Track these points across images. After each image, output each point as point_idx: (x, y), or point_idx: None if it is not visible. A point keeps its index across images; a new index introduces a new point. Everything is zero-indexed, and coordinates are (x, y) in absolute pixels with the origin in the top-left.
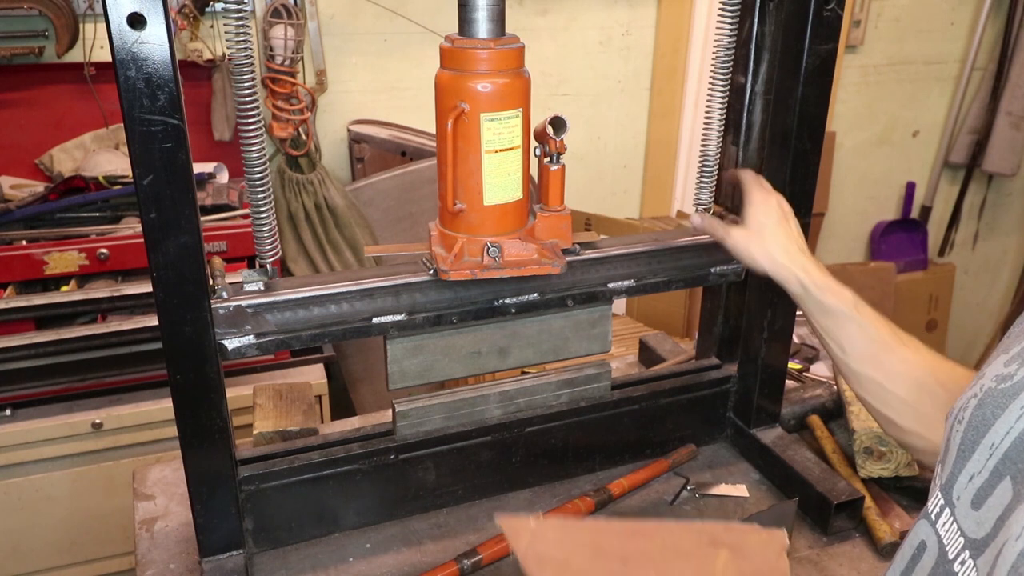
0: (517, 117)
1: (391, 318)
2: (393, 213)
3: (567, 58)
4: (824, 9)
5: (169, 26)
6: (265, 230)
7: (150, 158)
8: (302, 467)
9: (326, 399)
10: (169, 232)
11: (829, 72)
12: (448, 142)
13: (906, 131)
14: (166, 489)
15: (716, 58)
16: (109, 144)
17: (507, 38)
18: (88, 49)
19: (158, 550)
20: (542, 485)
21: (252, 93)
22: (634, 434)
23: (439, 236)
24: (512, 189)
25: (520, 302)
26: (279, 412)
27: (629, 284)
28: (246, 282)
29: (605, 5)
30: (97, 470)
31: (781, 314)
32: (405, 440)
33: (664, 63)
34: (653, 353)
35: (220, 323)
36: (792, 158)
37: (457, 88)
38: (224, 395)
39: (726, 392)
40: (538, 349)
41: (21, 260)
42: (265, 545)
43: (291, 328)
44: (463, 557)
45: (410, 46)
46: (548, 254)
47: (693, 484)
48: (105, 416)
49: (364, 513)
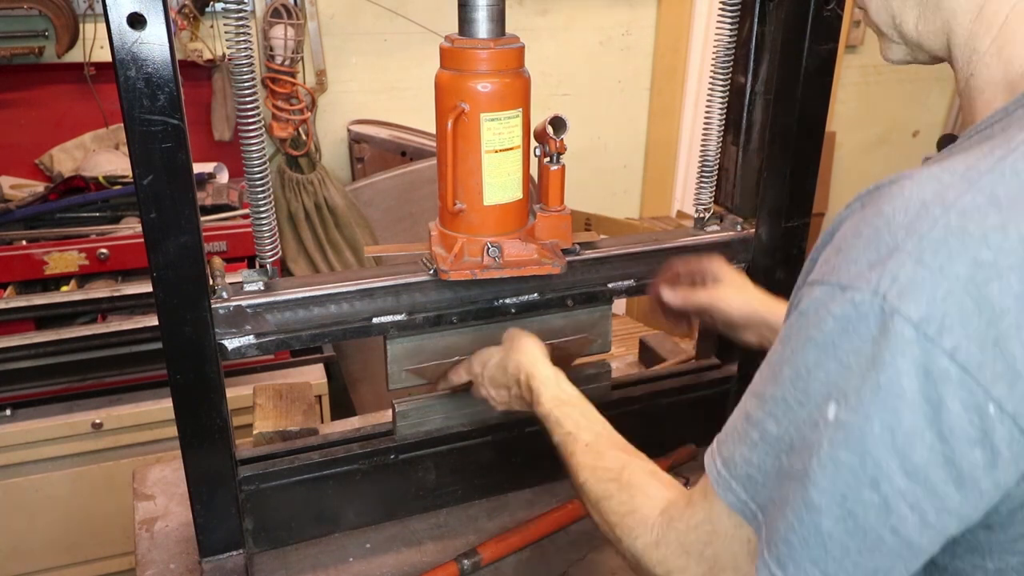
0: (517, 117)
1: (391, 318)
2: (393, 213)
3: (567, 58)
4: (824, 9)
5: (169, 26)
6: (265, 230)
7: (150, 158)
8: (302, 467)
9: (326, 399)
10: (169, 232)
11: (829, 72)
12: (448, 142)
13: (906, 131)
14: (166, 489)
15: (716, 58)
16: (109, 144)
17: (507, 38)
18: (88, 49)
19: (158, 550)
20: (542, 485)
21: (252, 93)
22: (634, 434)
23: (439, 236)
24: (512, 189)
25: (520, 302)
26: (279, 412)
27: (629, 284)
28: (246, 282)
29: (605, 5)
30: (97, 470)
31: None
32: (405, 440)
33: (664, 63)
34: (653, 353)
35: (220, 323)
36: (792, 158)
37: (457, 88)
38: (224, 395)
39: (726, 392)
40: None
41: (21, 260)
42: (265, 545)
43: (291, 328)
44: (463, 557)
45: (410, 46)
46: (548, 254)
47: (693, 484)
48: (105, 416)
49: (364, 513)
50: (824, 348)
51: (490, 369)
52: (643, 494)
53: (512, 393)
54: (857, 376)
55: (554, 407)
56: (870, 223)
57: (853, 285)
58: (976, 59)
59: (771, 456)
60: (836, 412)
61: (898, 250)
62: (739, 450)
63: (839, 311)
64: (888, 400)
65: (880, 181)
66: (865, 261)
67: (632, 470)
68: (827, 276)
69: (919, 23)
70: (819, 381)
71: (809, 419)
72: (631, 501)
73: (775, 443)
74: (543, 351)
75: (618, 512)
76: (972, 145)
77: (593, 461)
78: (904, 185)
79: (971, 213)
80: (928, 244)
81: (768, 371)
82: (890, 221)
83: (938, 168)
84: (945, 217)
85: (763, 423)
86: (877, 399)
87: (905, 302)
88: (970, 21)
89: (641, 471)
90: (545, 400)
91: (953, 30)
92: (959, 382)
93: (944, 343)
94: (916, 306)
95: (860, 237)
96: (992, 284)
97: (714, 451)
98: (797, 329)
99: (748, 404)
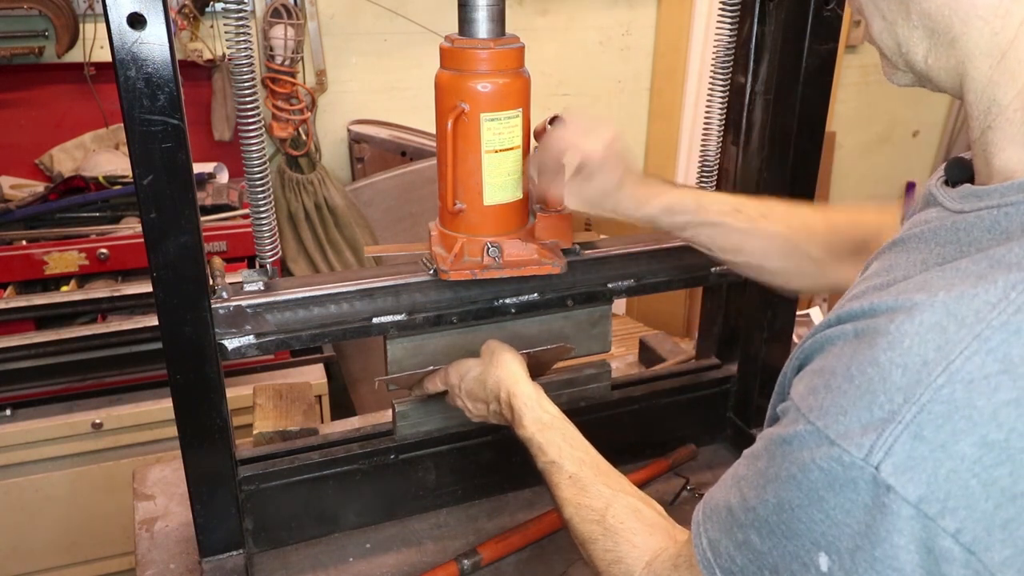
0: (517, 117)
1: (391, 318)
2: (393, 213)
3: (567, 58)
4: (824, 9)
5: (169, 26)
6: (265, 230)
7: (150, 158)
8: (302, 467)
9: (326, 399)
10: (169, 232)
11: (829, 72)
12: (448, 142)
13: (906, 131)
14: (166, 489)
15: (716, 58)
16: (109, 144)
17: (507, 38)
18: (88, 49)
19: (158, 550)
20: (542, 485)
21: (252, 93)
22: (634, 434)
23: (439, 236)
24: (512, 189)
25: (520, 302)
26: (279, 412)
27: (629, 284)
28: (246, 282)
29: (605, 5)
30: (97, 470)
31: (781, 314)
32: (405, 440)
33: (664, 63)
34: (653, 353)
35: (220, 323)
36: (792, 158)
37: (457, 88)
38: (224, 395)
39: (726, 392)
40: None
41: (21, 260)
42: (265, 545)
43: (291, 328)
44: (463, 557)
45: (410, 46)
46: (548, 254)
47: (693, 484)
48: (105, 416)
49: (364, 513)
50: (809, 496)
51: (468, 382)
52: (628, 543)
53: (491, 409)
54: (848, 539)
55: (536, 431)
56: (863, 370)
57: (841, 443)
58: (996, 111)
59: (754, 566)
60: (829, 566)
61: (894, 418)
62: (724, 541)
63: (825, 465)
64: (885, 572)
65: (877, 301)
66: (856, 419)
67: (615, 511)
68: (813, 413)
69: (929, 57)
70: (805, 525)
71: (796, 555)
72: (616, 549)
73: (758, 558)
74: (523, 366)
75: (604, 559)
76: (982, 240)
77: (577, 498)
78: (904, 330)
79: (980, 383)
80: (929, 418)
81: (755, 476)
82: (886, 378)
83: (944, 307)
84: (950, 387)
85: (747, 530)
86: (873, 569)
87: (902, 480)
88: (989, 67)
89: (624, 512)
90: (528, 423)
91: (969, 74)
92: (964, 563)
93: (947, 524)
94: (915, 486)
95: (851, 383)
96: (1002, 467)
97: (701, 523)
98: (782, 457)
99: (734, 494)
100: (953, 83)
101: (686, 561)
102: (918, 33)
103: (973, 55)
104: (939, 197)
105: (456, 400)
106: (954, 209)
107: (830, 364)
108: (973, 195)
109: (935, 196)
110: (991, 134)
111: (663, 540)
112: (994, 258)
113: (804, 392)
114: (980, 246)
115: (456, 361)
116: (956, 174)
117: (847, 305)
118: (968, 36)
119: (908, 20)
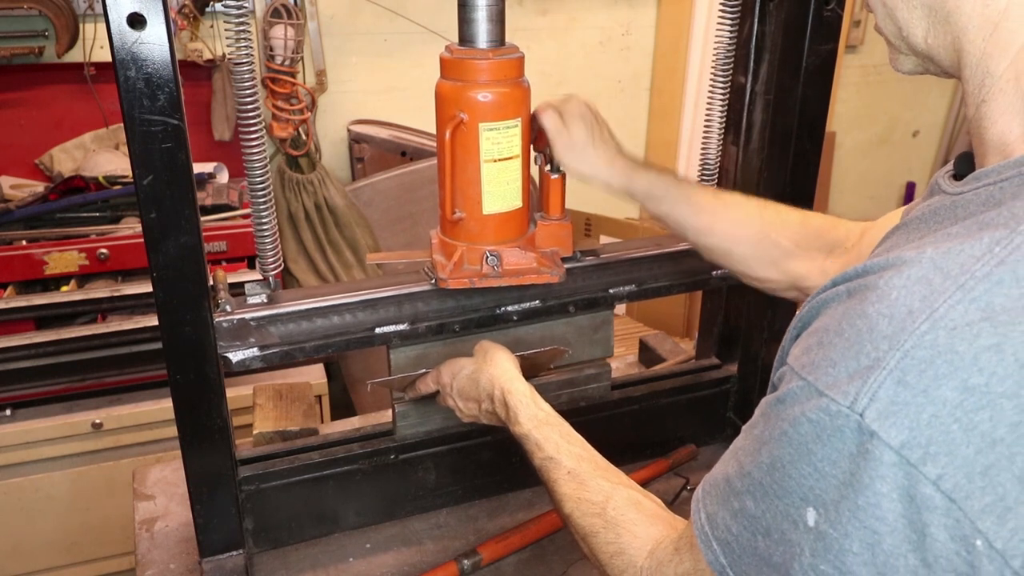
0: (516, 127)
1: (394, 328)
2: (393, 213)
3: (567, 58)
4: (824, 9)
5: (169, 26)
6: (267, 238)
7: (150, 158)
8: (302, 467)
9: (326, 399)
10: (169, 232)
11: (829, 72)
12: (447, 151)
13: (906, 131)
14: (166, 489)
15: (716, 58)
16: (109, 144)
17: (506, 48)
18: (88, 49)
19: (158, 550)
20: (542, 485)
21: (252, 93)
22: (634, 434)
23: (439, 244)
24: (511, 198)
25: (522, 309)
26: (279, 412)
27: (630, 289)
28: (249, 295)
29: (605, 5)
30: (97, 470)
31: (781, 314)
32: (405, 440)
33: (664, 63)
34: (653, 353)
35: (224, 336)
36: (792, 158)
37: (456, 98)
38: (224, 395)
39: (726, 392)
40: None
41: (21, 260)
42: (265, 545)
43: (295, 340)
44: (463, 557)
45: (410, 46)
46: (547, 263)
47: (693, 484)
48: (105, 416)
49: (364, 513)
50: (798, 449)
51: (460, 381)
52: (629, 533)
53: (483, 407)
54: (834, 489)
55: (532, 428)
56: (853, 323)
57: (829, 393)
58: (990, 83)
59: (748, 532)
60: (816, 520)
61: (879, 365)
62: (721, 512)
63: (814, 416)
64: (868, 521)
65: (869, 262)
66: (844, 368)
67: (616, 503)
68: (805, 370)
69: (928, 36)
70: (795, 480)
71: (786, 514)
72: (618, 541)
73: (752, 522)
74: (516, 365)
75: (606, 552)
76: (975, 211)
77: (576, 492)
78: (892, 283)
79: (962, 330)
80: (912, 363)
81: (751, 442)
82: (873, 328)
83: (931, 262)
84: (932, 333)
85: (742, 497)
86: (856, 519)
87: (885, 426)
88: (983, 40)
89: (625, 504)
90: (523, 420)
91: (964, 48)
92: (945, 511)
93: (928, 471)
94: (897, 431)
95: (841, 336)
96: (983, 412)
97: (700, 499)
98: (776, 416)
99: (732, 465)
100: (952, 61)
101: (687, 543)
102: (917, 14)
103: (967, 29)
104: (943, 185)
105: (447, 400)
106: (954, 192)
107: (824, 323)
108: (973, 178)
109: (940, 185)
110: (985, 107)
111: (664, 529)
112: (983, 221)
113: (798, 353)
114: (972, 214)
115: (449, 360)
116: (965, 168)
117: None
118: (961, 10)
119: (907, 2)
